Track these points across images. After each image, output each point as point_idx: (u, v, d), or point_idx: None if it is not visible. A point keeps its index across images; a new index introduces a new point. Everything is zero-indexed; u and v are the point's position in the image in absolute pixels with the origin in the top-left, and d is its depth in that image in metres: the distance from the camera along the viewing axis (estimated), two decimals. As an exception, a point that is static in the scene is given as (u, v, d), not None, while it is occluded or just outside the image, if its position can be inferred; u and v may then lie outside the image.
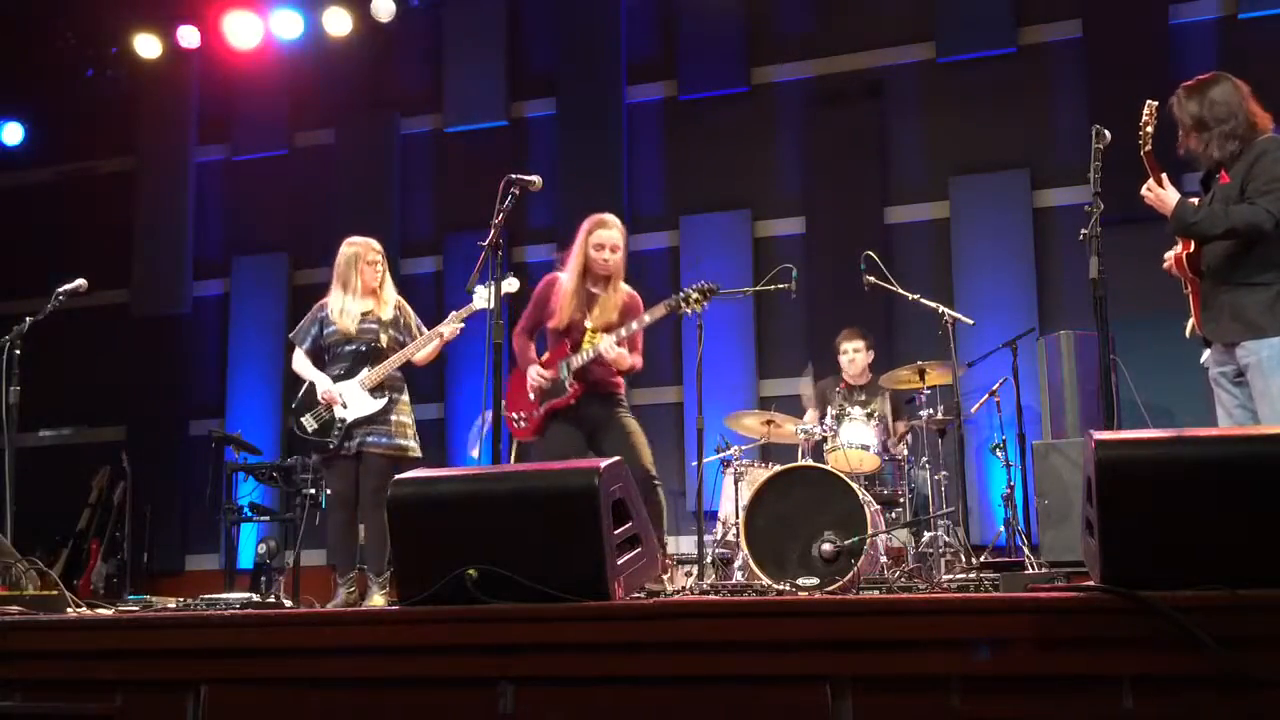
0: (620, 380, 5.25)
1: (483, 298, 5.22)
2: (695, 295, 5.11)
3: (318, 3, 9.23)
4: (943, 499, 6.29)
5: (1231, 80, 4.30)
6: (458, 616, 2.92)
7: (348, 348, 5.68)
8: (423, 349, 5.69)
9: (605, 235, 5.13)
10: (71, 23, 9.59)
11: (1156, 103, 4.29)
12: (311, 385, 5.73)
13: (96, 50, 9.69)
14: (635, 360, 5.17)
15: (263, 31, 9.36)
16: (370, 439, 5.57)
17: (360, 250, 5.76)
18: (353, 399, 5.61)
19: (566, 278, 5.20)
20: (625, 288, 5.27)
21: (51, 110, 10.10)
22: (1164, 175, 4.26)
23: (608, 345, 5.03)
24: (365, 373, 5.62)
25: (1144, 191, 4.30)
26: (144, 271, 9.79)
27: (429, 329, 5.79)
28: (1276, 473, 2.52)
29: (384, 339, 5.69)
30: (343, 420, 5.60)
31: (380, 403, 5.59)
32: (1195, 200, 4.35)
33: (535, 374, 5.17)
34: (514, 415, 5.24)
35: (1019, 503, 6.32)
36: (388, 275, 5.86)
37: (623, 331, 5.07)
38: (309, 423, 5.71)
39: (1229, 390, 4.27)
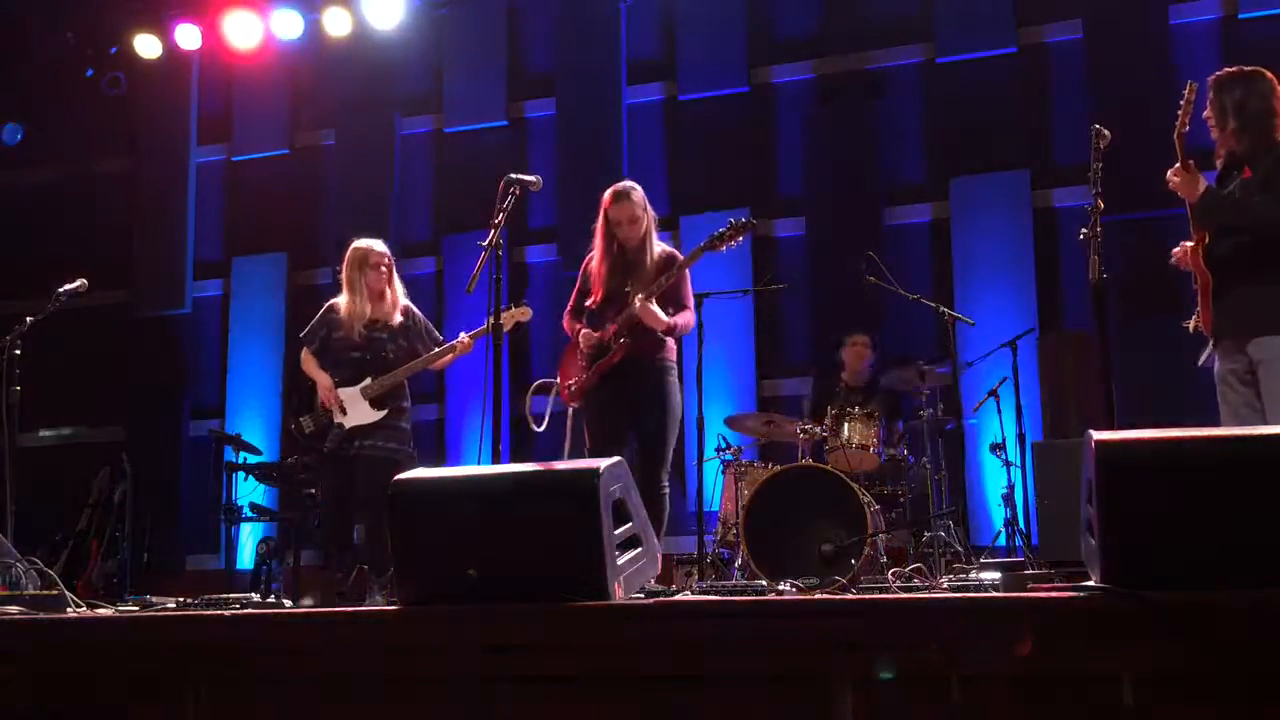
0: (670, 347, 5.22)
1: (506, 320, 5.23)
2: (729, 232, 5.13)
3: (318, 3, 9.22)
4: (943, 499, 6.29)
5: (1272, 79, 4.29)
6: (458, 617, 2.92)
7: (353, 355, 5.65)
8: (433, 362, 5.70)
9: (617, 212, 5.14)
10: (71, 23, 9.57)
11: (1197, 84, 4.25)
12: (314, 386, 5.72)
13: (96, 50, 9.67)
14: (678, 319, 5.11)
15: (263, 31, 9.34)
16: (368, 441, 5.56)
17: (365, 253, 5.72)
18: (353, 406, 5.59)
19: (595, 256, 5.25)
20: (661, 246, 5.26)
21: (51, 110, 10.08)
22: (1191, 163, 4.25)
23: (637, 304, 5.01)
24: (369, 382, 5.60)
25: (1169, 175, 4.26)
26: (144, 271, 9.77)
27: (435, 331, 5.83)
28: (1276, 473, 2.52)
29: (390, 349, 5.67)
30: (340, 426, 5.59)
31: (380, 414, 5.58)
32: None
33: (585, 333, 5.18)
34: (564, 384, 5.31)
35: (1019, 503, 6.32)
36: (395, 278, 5.83)
37: (653, 287, 5.04)
38: (306, 424, 5.70)
39: (1236, 389, 4.23)
